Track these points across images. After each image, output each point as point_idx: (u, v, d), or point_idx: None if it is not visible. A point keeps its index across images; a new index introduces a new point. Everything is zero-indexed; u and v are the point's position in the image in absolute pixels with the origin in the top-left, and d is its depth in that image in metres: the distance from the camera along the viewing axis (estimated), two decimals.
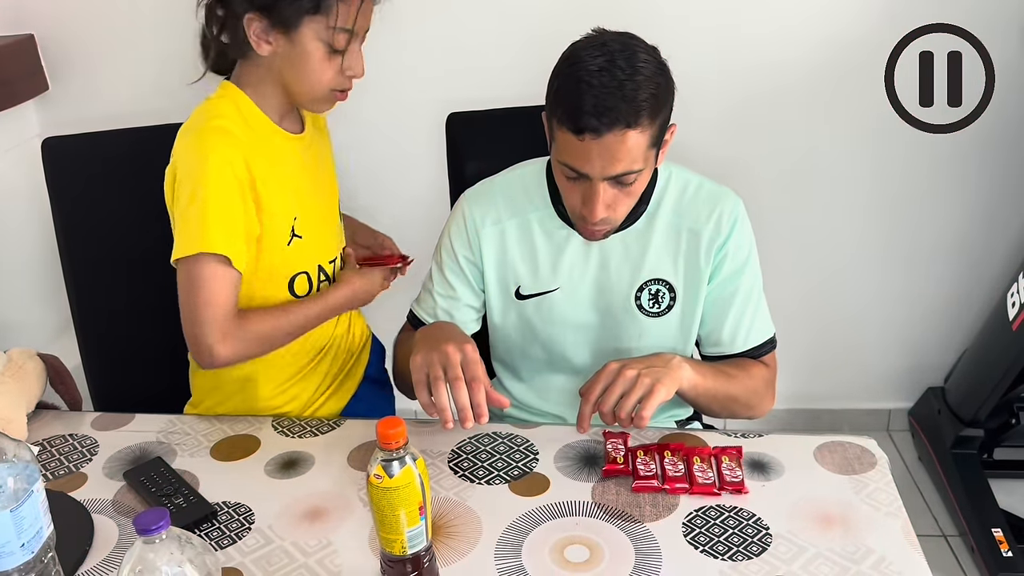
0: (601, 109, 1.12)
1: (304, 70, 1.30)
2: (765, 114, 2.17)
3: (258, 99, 1.35)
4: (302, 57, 1.29)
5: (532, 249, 1.36)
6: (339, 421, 1.38)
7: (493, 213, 1.37)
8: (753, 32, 2.10)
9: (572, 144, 1.16)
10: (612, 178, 1.18)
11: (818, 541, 1.09)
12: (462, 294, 1.40)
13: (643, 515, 1.14)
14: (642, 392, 1.19)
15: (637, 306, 1.35)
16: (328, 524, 1.15)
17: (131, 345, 1.72)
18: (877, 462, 1.23)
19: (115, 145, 1.69)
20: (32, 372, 1.40)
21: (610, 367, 1.22)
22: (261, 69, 1.33)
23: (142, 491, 1.21)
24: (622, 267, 1.34)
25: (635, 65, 1.13)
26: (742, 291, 1.35)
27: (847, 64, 2.12)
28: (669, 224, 1.33)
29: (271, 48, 1.29)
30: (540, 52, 2.00)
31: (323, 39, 1.28)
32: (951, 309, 2.41)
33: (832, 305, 2.43)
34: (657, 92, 1.14)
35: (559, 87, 1.18)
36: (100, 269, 1.69)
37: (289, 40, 1.28)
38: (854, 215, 2.31)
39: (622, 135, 1.14)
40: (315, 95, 1.34)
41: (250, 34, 1.28)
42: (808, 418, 2.57)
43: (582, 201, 1.22)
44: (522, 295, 1.38)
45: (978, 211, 2.28)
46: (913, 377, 2.49)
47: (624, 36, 1.18)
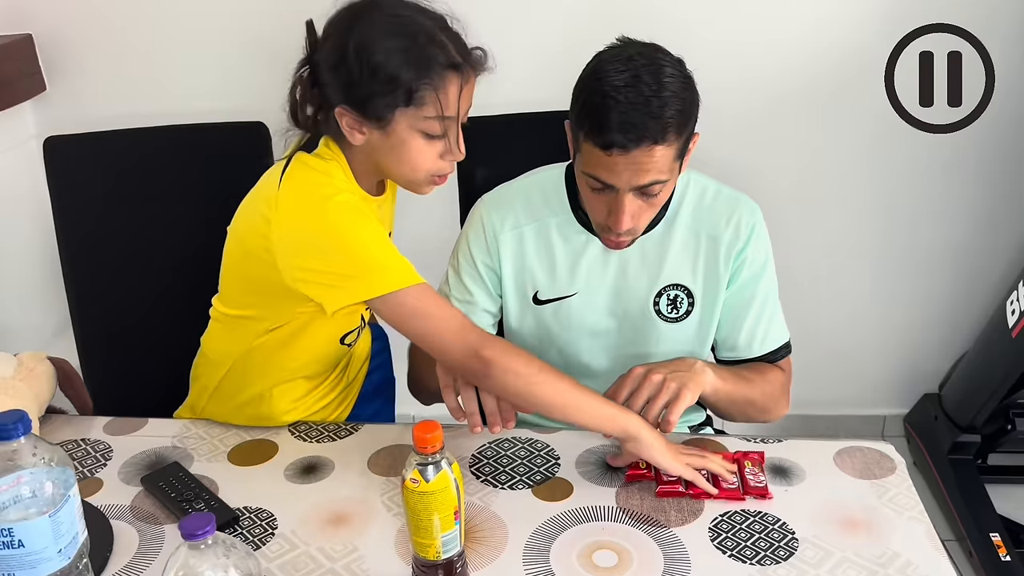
0: (628, 126, 1.12)
1: (400, 159, 1.21)
2: (764, 121, 2.18)
3: (354, 167, 1.27)
4: (398, 146, 1.20)
5: (550, 254, 1.36)
6: (356, 426, 1.38)
7: (512, 218, 1.37)
8: (751, 36, 2.10)
9: (599, 157, 1.16)
10: (638, 189, 1.19)
11: (844, 545, 1.09)
12: (479, 299, 1.40)
13: (669, 520, 1.14)
14: (668, 397, 1.19)
15: (656, 311, 1.36)
16: (353, 529, 1.14)
17: (131, 348, 1.71)
18: (896, 467, 1.24)
19: (117, 145, 1.67)
20: (43, 375, 1.37)
21: (636, 372, 1.22)
22: (356, 152, 1.25)
23: (161, 496, 1.20)
24: (640, 273, 1.35)
25: (661, 81, 1.13)
26: (759, 296, 1.36)
27: (848, 69, 2.12)
28: (688, 229, 1.34)
29: (364, 138, 1.21)
30: (548, 59, 2.02)
31: (419, 128, 1.18)
32: (947, 315, 2.42)
33: (827, 311, 2.44)
34: (683, 108, 1.15)
35: (585, 101, 1.17)
36: (100, 270, 1.67)
37: (383, 132, 1.19)
38: (850, 219, 2.32)
39: (649, 150, 1.14)
40: (414, 180, 1.25)
41: (342, 125, 1.20)
42: (804, 424, 2.56)
43: (608, 212, 1.22)
44: (540, 300, 1.38)
45: (977, 217, 2.29)
46: (908, 383, 2.51)
47: (649, 48, 1.18)
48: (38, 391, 1.36)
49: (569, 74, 1.23)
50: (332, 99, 1.20)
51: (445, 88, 1.17)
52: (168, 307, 1.67)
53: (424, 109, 1.17)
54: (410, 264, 1.21)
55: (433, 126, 1.18)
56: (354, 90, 1.17)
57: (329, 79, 1.19)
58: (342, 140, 1.24)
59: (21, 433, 0.85)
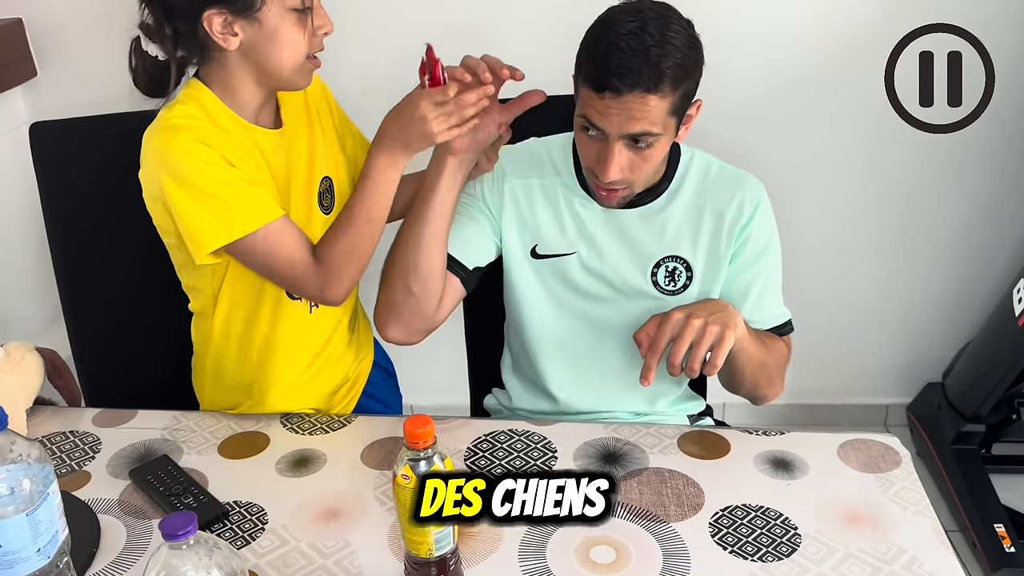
0: (624, 71, 1.13)
1: (278, 46, 1.22)
2: (766, 114, 2.17)
3: (228, 98, 1.27)
4: (273, 34, 1.21)
5: (555, 211, 1.35)
6: (349, 418, 1.35)
7: (521, 169, 1.36)
8: (751, 30, 2.09)
9: (592, 99, 1.17)
10: (628, 137, 1.18)
11: (848, 541, 1.07)
12: (482, 225, 1.36)
13: (668, 515, 1.12)
14: (712, 340, 1.18)
15: (653, 282, 1.33)
16: (345, 524, 1.12)
17: (124, 337, 1.68)
18: (902, 460, 1.21)
19: (105, 130, 1.63)
20: (31, 366, 1.35)
21: (675, 316, 1.20)
22: (228, 66, 1.25)
23: (149, 491, 1.17)
24: (640, 241, 1.33)
25: (665, 34, 1.13)
26: (763, 274, 1.35)
27: (848, 66, 2.11)
28: (691, 203, 1.32)
29: (239, 38, 1.21)
30: (540, 47, 1.99)
31: (288, 6, 1.21)
32: (950, 305, 2.40)
33: (830, 300, 2.41)
34: (683, 63, 1.15)
35: (589, 46, 1.18)
36: (90, 258, 1.64)
37: (255, 22, 1.20)
38: (851, 207, 2.30)
39: (642, 98, 1.14)
40: (294, 68, 1.25)
41: (213, 33, 1.20)
42: (806, 414, 2.56)
43: (597, 159, 1.22)
44: (538, 254, 1.36)
45: (980, 205, 2.27)
46: (911, 373, 2.49)
47: (661, 6, 1.18)
48: (26, 382, 1.33)
49: (568, 59, 1.21)
50: (194, 12, 1.20)
51: None
52: (159, 295, 1.63)
53: None
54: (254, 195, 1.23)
55: (298, 1, 1.21)
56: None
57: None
58: (209, 65, 1.26)
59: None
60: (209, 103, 1.26)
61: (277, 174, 1.32)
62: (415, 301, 1.29)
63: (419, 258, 1.27)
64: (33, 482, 0.82)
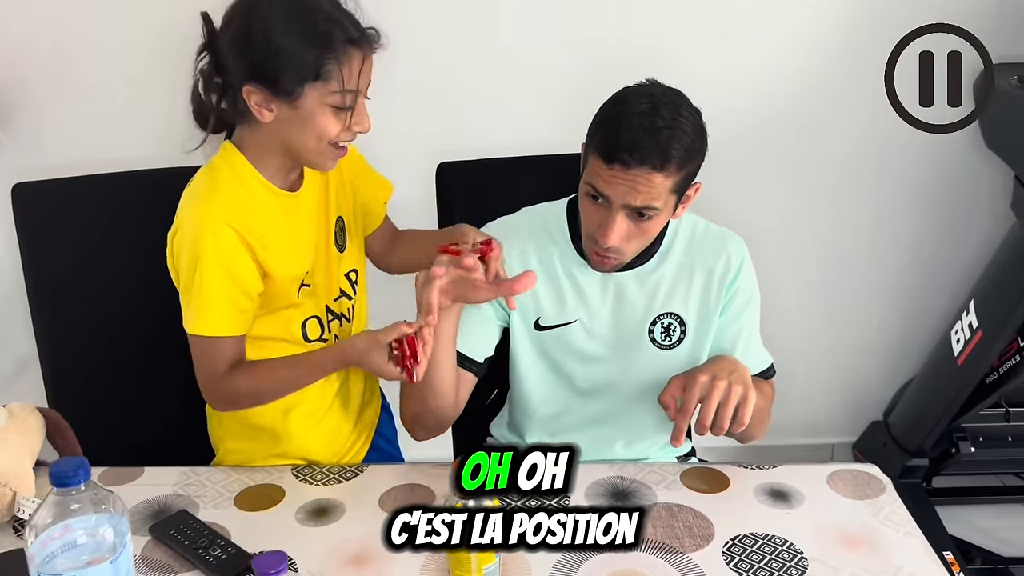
0: (635, 147, 1.21)
1: (308, 131, 1.28)
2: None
3: (259, 162, 1.33)
4: (308, 120, 1.26)
5: (554, 283, 1.41)
6: (361, 467, 1.38)
7: (519, 246, 1.42)
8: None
9: (601, 168, 1.24)
10: (630, 208, 1.25)
11: (850, 561, 1.16)
12: (486, 312, 1.42)
13: (683, 546, 1.18)
14: (738, 400, 1.24)
15: (650, 339, 1.41)
16: (375, 567, 1.15)
17: (104, 395, 1.67)
18: (885, 487, 1.32)
19: (85, 191, 1.64)
20: (34, 427, 1.34)
21: (700, 379, 1.25)
22: (262, 134, 1.30)
23: (174, 545, 1.18)
24: (637, 301, 1.41)
25: (676, 118, 1.22)
26: (748, 324, 1.45)
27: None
28: (681, 263, 1.41)
29: (273, 115, 1.26)
30: (530, 103, 2.06)
31: (327, 103, 1.25)
32: (891, 346, 2.55)
33: (777, 347, 2.52)
34: (690, 147, 1.23)
35: (602, 120, 1.27)
36: (70, 318, 1.64)
37: (292, 107, 1.25)
38: (794, 254, 2.41)
39: (648, 174, 1.22)
40: (319, 150, 1.31)
41: (250, 104, 1.25)
42: (753, 454, 2.63)
43: (598, 224, 1.29)
44: (541, 326, 1.42)
45: (914, 256, 2.43)
46: (855, 412, 2.62)
47: (672, 91, 1.27)
48: (31, 443, 1.32)
49: (559, 120, 1.27)
50: (237, 81, 1.25)
51: (348, 62, 1.25)
52: (147, 359, 1.64)
53: (331, 83, 1.24)
54: (221, 311, 1.31)
55: (339, 99, 1.26)
56: (261, 69, 1.23)
57: (234, 61, 1.24)
58: (245, 126, 1.31)
59: (81, 480, 0.84)
60: (239, 166, 1.32)
61: (298, 230, 1.38)
62: (436, 411, 1.38)
63: (433, 381, 1.33)
64: (116, 531, 0.84)
